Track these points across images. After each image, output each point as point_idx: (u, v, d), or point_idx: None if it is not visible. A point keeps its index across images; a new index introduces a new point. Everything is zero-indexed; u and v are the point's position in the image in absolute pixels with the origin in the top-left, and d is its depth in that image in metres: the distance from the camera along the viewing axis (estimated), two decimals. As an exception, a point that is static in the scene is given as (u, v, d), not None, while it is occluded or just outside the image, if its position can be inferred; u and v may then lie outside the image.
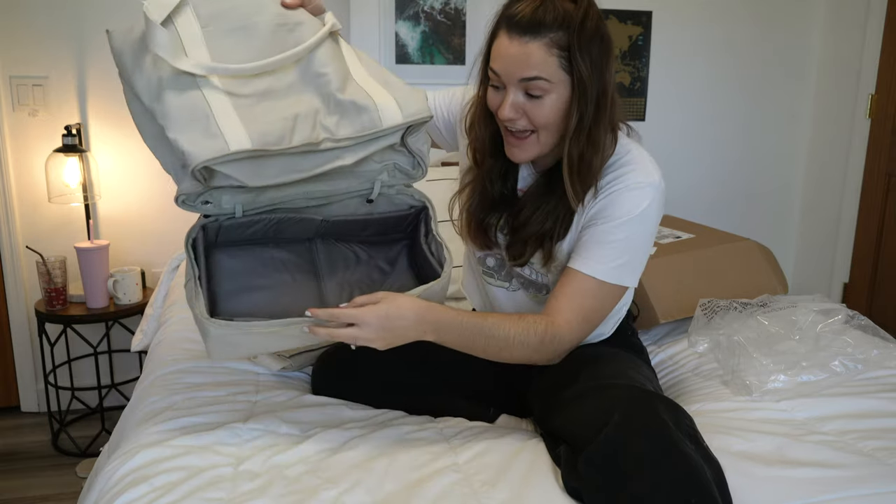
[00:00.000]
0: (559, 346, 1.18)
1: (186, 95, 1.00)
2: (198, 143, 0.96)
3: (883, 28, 2.64)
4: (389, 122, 1.08)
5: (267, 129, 1.00)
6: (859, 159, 2.76)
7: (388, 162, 1.18)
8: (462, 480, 1.03)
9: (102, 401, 2.33)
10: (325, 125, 1.06)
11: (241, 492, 0.99)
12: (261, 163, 1.01)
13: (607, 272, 1.17)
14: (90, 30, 2.30)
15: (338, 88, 1.08)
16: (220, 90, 1.02)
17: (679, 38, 2.78)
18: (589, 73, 1.12)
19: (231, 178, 1.01)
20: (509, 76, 1.13)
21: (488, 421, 1.33)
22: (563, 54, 1.11)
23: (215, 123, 0.98)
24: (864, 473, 1.07)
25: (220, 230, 1.14)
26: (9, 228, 2.34)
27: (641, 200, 1.17)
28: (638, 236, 1.18)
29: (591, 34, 1.11)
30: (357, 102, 1.07)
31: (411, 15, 2.51)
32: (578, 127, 1.14)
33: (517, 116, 1.15)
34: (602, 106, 1.15)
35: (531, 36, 1.10)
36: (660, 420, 0.96)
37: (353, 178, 1.17)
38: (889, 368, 1.41)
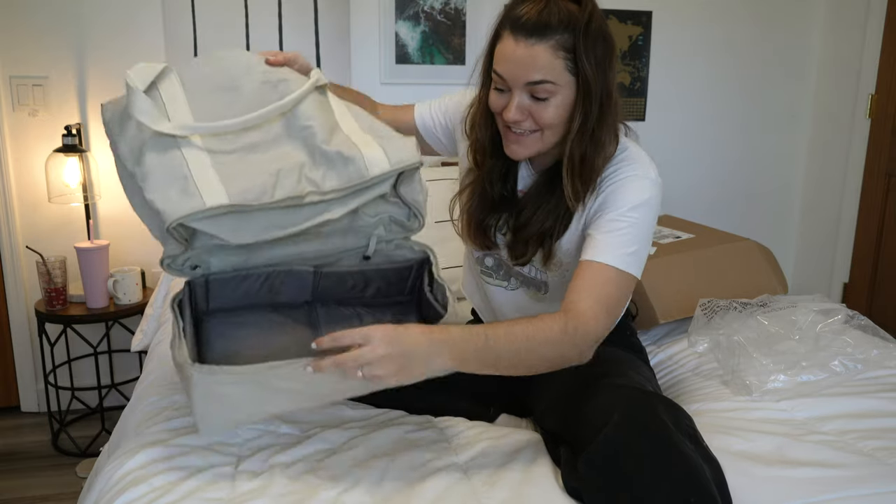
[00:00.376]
0: (584, 337, 1.09)
1: (166, 157, 0.99)
2: (173, 202, 0.95)
3: (883, 28, 2.64)
4: (376, 170, 1.03)
5: (247, 185, 0.98)
6: (859, 159, 2.76)
7: (383, 215, 1.15)
8: (462, 480, 1.03)
9: (102, 401, 2.33)
10: (311, 178, 1.02)
11: (241, 492, 0.99)
12: (243, 219, 0.99)
13: (622, 259, 1.15)
14: (90, 30, 2.30)
15: (324, 140, 1.05)
16: (201, 149, 1.00)
17: (679, 38, 2.78)
18: (594, 75, 1.12)
19: (213, 237, 0.99)
20: (515, 79, 1.13)
21: (488, 421, 1.33)
22: (569, 56, 1.11)
23: (193, 183, 0.96)
24: (864, 473, 1.07)
25: (210, 289, 1.09)
26: (9, 228, 2.34)
27: (643, 190, 1.18)
28: (644, 225, 1.18)
29: (595, 35, 1.11)
30: (343, 153, 1.04)
31: (411, 15, 2.51)
32: (582, 128, 1.15)
33: (523, 118, 1.15)
34: (606, 106, 1.15)
35: (537, 38, 1.10)
36: (659, 420, 0.96)
37: (348, 235, 1.14)
38: (889, 368, 1.41)
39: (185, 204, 0.95)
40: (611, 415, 0.99)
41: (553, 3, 1.10)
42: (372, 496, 0.99)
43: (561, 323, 1.08)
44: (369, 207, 1.13)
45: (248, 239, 1.00)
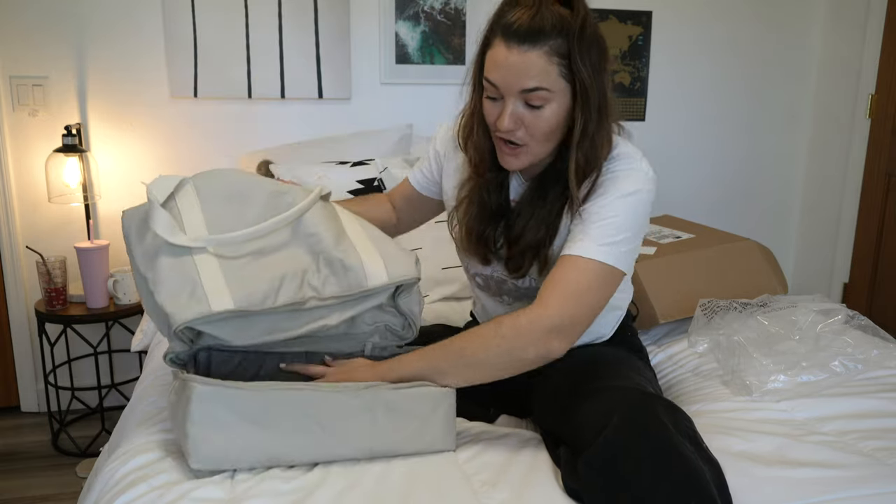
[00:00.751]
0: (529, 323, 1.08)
1: (178, 262, 1.05)
2: (181, 305, 1.01)
3: (883, 28, 2.64)
4: (375, 282, 1.10)
5: (252, 290, 1.04)
6: (859, 159, 2.76)
7: (379, 323, 1.19)
8: (462, 480, 1.03)
9: (102, 401, 2.33)
10: (312, 284, 1.09)
11: (241, 491, 0.99)
12: (245, 322, 1.05)
13: (598, 251, 1.12)
14: (90, 30, 2.30)
15: (329, 246, 1.12)
16: (212, 255, 1.07)
17: (679, 38, 2.78)
18: (591, 80, 1.10)
19: (217, 339, 1.05)
20: (508, 87, 1.11)
21: (488, 421, 1.33)
22: (563, 62, 1.08)
23: (201, 288, 1.02)
24: (865, 474, 1.07)
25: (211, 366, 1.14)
26: (9, 228, 2.35)
27: (633, 183, 1.16)
28: (629, 216, 1.15)
29: (590, 40, 1.09)
30: (345, 262, 1.10)
31: (411, 15, 2.51)
32: (583, 134, 1.13)
33: (516, 127, 1.13)
34: (604, 110, 1.14)
35: (530, 45, 1.07)
36: (659, 422, 0.96)
37: (344, 340, 1.19)
38: (889, 368, 1.41)
39: (193, 308, 1.01)
40: (610, 416, 0.99)
41: (545, 7, 1.08)
42: (372, 496, 0.99)
43: (513, 317, 1.10)
44: (367, 316, 1.17)
45: (250, 341, 1.07)
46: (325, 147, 2.39)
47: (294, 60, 2.44)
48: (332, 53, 2.46)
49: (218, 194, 1.13)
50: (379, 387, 1.07)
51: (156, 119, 2.39)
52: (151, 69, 2.36)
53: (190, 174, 1.17)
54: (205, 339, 1.07)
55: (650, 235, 2.00)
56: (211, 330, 1.04)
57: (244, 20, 2.37)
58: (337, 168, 2.19)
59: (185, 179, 1.13)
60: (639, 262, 1.76)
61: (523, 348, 1.09)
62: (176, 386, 1.04)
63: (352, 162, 2.24)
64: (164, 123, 2.40)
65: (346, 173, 2.17)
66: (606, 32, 2.74)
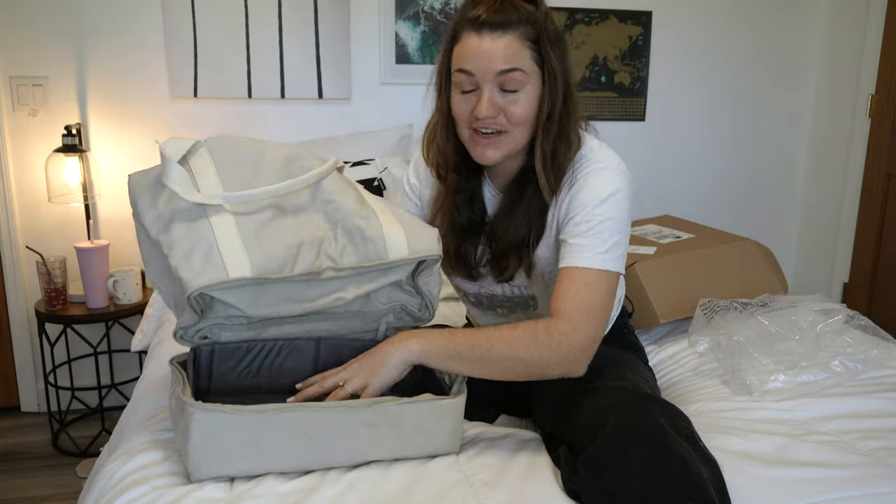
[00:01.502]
0: (562, 337, 1.08)
1: (193, 225, 1.01)
2: (196, 271, 0.97)
3: (883, 28, 2.64)
4: (395, 255, 1.07)
5: (270, 255, 1.01)
6: (859, 159, 2.76)
7: (395, 303, 1.15)
8: (462, 480, 1.03)
9: (102, 401, 2.33)
10: (330, 254, 1.05)
11: (241, 491, 0.99)
12: (260, 290, 1.02)
13: (597, 260, 1.13)
14: (90, 30, 2.30)
15: (348, 214, 1.08)
16: (229, 214, 1.03)
17: (679, 38, 2.78)
18: (559, 66, 1.13)
19: (230, 307, 1.02)
20: (485, 72, 1.12)
21: (488, 421, 1.33)
22: (535, 47, 1.12)
23: (217, 251, 0.99)
24: (865, 474, 1.07)
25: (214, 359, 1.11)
26: (9, 228, 2.35)
27: (609, 182, 1.15)
28: (615, 218, 1.15)
29: (553, 31, 1.14)
30: (364, 232, 1.07)
31: (411, 15, 2.51)
32: (549, 119, 1.15)
33: (495, 114, 1.13)
34: (569, 99, 1.16)
35: (502, 31, 1.11)
36: (656, 423, 0.97)
37: (357, 318, 1.15)
38: (889, 368, 1.41)
39: (209, 274, 0.97)
40: (608, 417, 0.99)
41: (507, 2, 1.12)
42: (372, 496, 0.99)
43: (533, 325, 1.09)
44: (382, 294, 1.14)
45: (263, 311, 1.04)
46: (325, 147, 2.39)
47: (294, 60, 2.44)
48: (332, 53, 2.46)
49: (232, 157, 1.09)
50: (383, 402, 1.02)
51: (156, 119, 2.39)
52: (151, 69, 2.36)
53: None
54: (215, 309, 1.03)
55: (650, 235, 2.00)
56: (226, 297, 1.00)
57: (244, 20, 2.37)
58: (337, 168, 2.19)
59: (199, 142, 1.09)
60: (639, 262, 1.76)
61: (552, 365, 1.09)
62: (176, 396, 1.01)
63: (352, 162, 2.25)
64: (164, 123, 2.40)
65: (346, 173, 2.16)
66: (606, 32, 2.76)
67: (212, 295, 1.00)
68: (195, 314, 1.02)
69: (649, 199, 2.86)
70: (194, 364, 1.11)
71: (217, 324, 1.07)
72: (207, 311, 1.04)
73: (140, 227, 1.07)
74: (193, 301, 1.00)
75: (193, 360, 1.11)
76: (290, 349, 1.16)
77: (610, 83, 2.75)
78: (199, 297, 1.00)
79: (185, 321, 1.03)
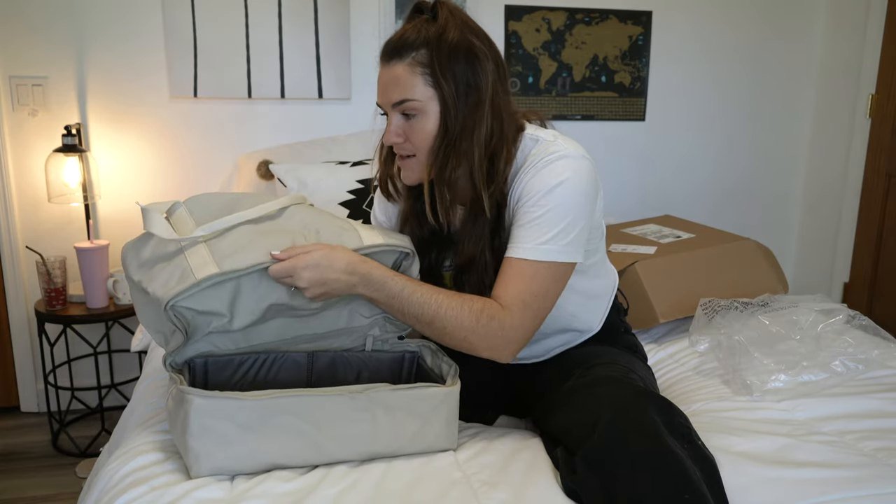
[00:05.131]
0: (500, 330, 1.10)
1: (171, 261, 1.07)
2: (169, 286, 1.02)
3: (883, 28, 2.64)
4: (369, 241, 1.12)
5: (242, 257, 1.05)
6: (859, 159, 2.76)
7: (377, 315, 1.20)
8: (462, 480, 1.03)
9: (102, 401, 2.33)
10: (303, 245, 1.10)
11: (241, 491, 0.99)
12: (237, 291, 1.05)
13: (536, 251, 1.12)
14: (90, 30, 2.30)
15: (321, 224, 1.14)
16: (202, 245, 1.08)
17: (679, 38, 2.78)
18: (453, 90, 1.10)
19: (212, 316, 1.05)
20: (385, 103, 1.15)
21: (487, 422, 1.33)
22: (427, 71, 1.11)
23: (190, 269, 1.04)
24: (865, 474, 1.07)
25: (208, 372, 1.14)
26: (9, 228, 2.34)
27: (557, 173, 1.12)
28: (564, 206, 1.12)
29: (451, 47, 1.10)
30: (340, 231, 1.13)
31: (411, 15, 2.51)
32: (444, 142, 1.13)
33: (401, 139, 1.15)
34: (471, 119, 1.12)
35: (397, 58, 1.12)
36: (651, 419, 0.97)
37: (344, 335, 1.20)
38: (890, 368, 1.41)
39: (180, 285, 1.02)
40: (600, 416, 1.00)
41: (417, 23, 1.12)
42: (371, 496, 0.99)
43: (478, 308, 1.10)
44: (363, 307, 1.18)
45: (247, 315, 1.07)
46: (325, 147, 2.39)
47: (294, 60, 2.44)
48: (332, 53, 2.46)
49: (208, 208, 1.15)
50: (378, 388, 1.05)
51: (156, 119, 2.39)
52: (151, 69, 2.36)
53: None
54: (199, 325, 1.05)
55: (650, 235, 2.00)
56: (203, 304, 1.03)
57: (244, 20, 2.37)
58: (337, 168, 2.19)
59: (177, 202, 1.16)
60: (639, 261, 1.76)
61: (480, 350, 1.12)
62: (173, 393, 1.02)
63: (352, 162, 2.24)
64: (164, 123, 2.40)
65: (346, 173, 2.16)
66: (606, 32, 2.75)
67: (189, 307, 1.03)
68: (180, 334, 1.05)
69: (649, 199, 2.86)
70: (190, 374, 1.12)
71: (205, 352, 1.11)
72: (192, 333, 1.07)
73: (130, 281, 1.12)
74: (174, 318, 1.03)
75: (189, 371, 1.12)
76: (284, 360, 1.19)
77: (610, 83, 2.74)
78: (178, 316, 1.03)
79: (172, 344, 1.07)
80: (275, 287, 1.08)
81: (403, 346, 1.25)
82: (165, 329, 1.08)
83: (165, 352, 1.09)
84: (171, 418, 1.05)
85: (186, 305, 1.02)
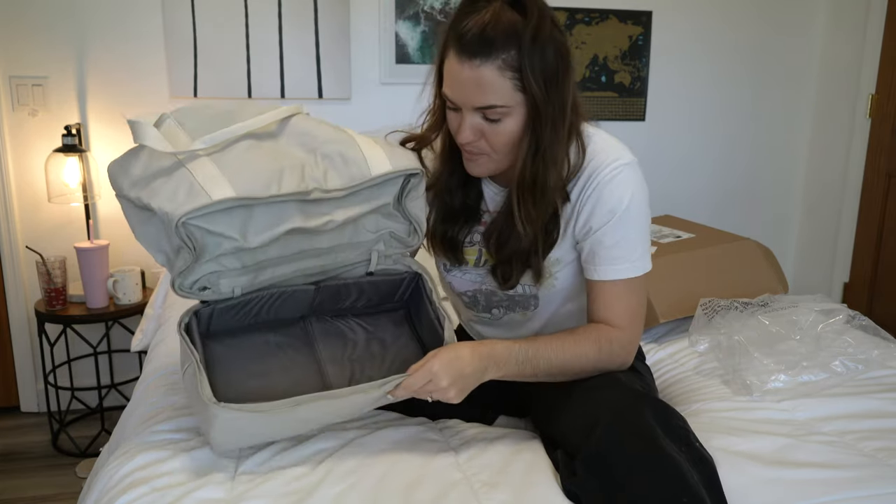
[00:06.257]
0: (621, 349, 1.16)
1: (172, 175, 1.01)
2: (179, 202, 0.97)
3: (883, 28, 2.64)
4: (378, 170, 1.08)
5: (252, 177, 1.01)
6: (859, 159, 2.76)
7: (384, 230, 1.17)
8: (462, 481, 1.03)
9: (102, 401, 2.33)
10: (314, 177, 1.05)
11: (241, 491, 0.99)
12: (249, 214, 1.01)
13: (632, 268, 1.16)
14: (90, 30, 2.29)
15: (323, 142, 1.09)
16: (205, 157, 1.03)
17: (679, 38, 2.78)
18: (542, 94, 1.05)
19: (223, 238, 1.00)
20: (464, 103, 1.07)
21: (487, 423, 1.33)
22: (517, 75, 1.04)
23: (198, 185, 0.98)
24: (865, 474, 1.07)
25: (214, 316, 1.12)
26: (9, 228, 2.34)
27: (625, 188, 1.13)
28: (640, 218, 1.15)
29: (542, 50, 1.03)
30: (344, 154, 1.08)
31: (411, 15, 2.51)
32: (532, 150, 1.09)
33: (476, 139, 1.11)
34: (559, 124, 1.09)
35: (482, 58, 1.03)
36: (647, 423, 0.97)
37: (349, 250, 1.16)
38: (890, 368, 1.41)
39: (193, 201, 0.96)
40: (599, 415, 1.00)
41: (500, 13, 1.03)
42: (371, 497, 0.99)
43: (595, 347, 1.15)
44: (369, 222, 1.15)
45: (257, 237, 1.02)
46: (325, 147, 2.39)
47: (294, 60, 2.43)
48: (332, 53, 2.46)
49: (201, 118, 1.09)
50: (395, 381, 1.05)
51: (156, 119, 2.39)
52: (151, 69, 2.36)
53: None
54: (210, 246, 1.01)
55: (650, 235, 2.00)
56: (215, 226, 0.99)
57: (244, 20, 2.37)
58: (337, 168, 2.18)
59: (166, 114, 1.09)
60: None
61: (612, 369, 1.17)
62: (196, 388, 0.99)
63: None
64: (164, 123, 2.40)
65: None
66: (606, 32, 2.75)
67: (200, 225, 0.98)
68: (189, 252, 1.00)
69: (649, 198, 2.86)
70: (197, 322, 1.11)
71: (213, 272, 1.05)
72: (201, 253, 1.02)
73: (123, 200, 1.07)
74: (183, 235, 0.98)
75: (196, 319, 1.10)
76: (291, 293, 1.15)
77: (610, 83, 2.74)
78: (189, 235, 0.98)
79: (180, 264, 1.02)
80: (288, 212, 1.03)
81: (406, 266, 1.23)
82: (168, 248, 1.03)
83: (172, 274, 1.05)
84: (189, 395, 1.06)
85: (197, 224, 0.98)
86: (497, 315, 1.32)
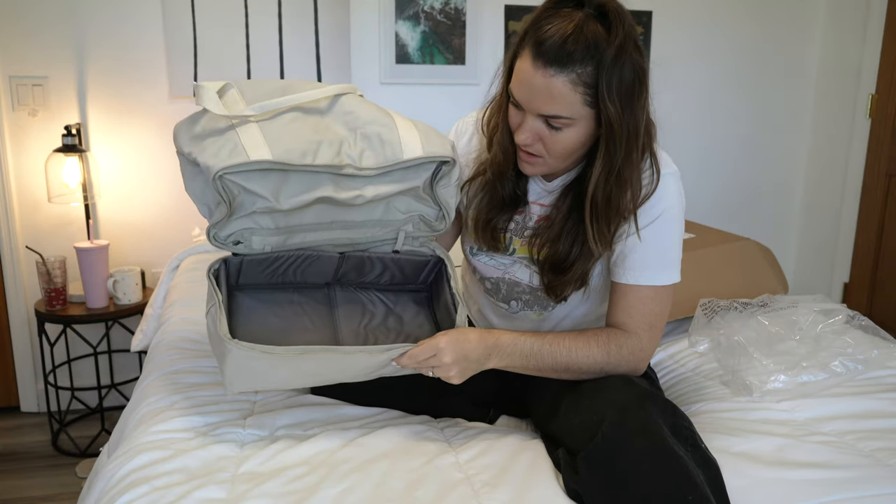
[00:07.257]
0: (631, 355, 1.15)
1: (222, 135, 1.10)
2: (220, 158, 1.05)
3: (883, 28, 2.64)
4: (410, 154, 1.13)
5: (290, 147, 1.08)
6: (859, 159, 2.76)
7: (413, 213, 1.21)
8: (463, 481, 1.03)
9: (102, 401, 2.33)
10: (350, 154, 1.11)
11: (241, 491, 0.99)
12: (283, 178, 1.08)
13: (662, 276, 1.15)
14: (90, 30, 2.30)
15: (365, 123, 1.15)
16: (254, 123, 1.11)
17: (679, 39, 2.78)
18: (618, 114, 1.04)
19: (257, 197, 1.08)
20: (529, 106, 1.07)
21: (488, 422, 1.33)
22: (590, 91, 1.03)
23: (241, 146, 1.07)
24: (865, 474, 1.07)
25: (243, 268, 1.19)
26: (9, 228, 2.34)
27: (667, 195, 1.13)
28: (675, 227, 1.15)
29: (621, 70, 1.02)
30: (382, 136, 1.14)
31: (411, 15, 2.51)
32: (606, 169, 1.08)
33: (533, 142, 1.10)
34: (633, 144, 1.08)
35: (557, 68, 1.01)
36: (654, 422, 0.97)
37: (378, 227, 1.21)
38: (889, 369, 1.41)
39: (233, 159, 1.05)
40: (604, 418, 1.00)
41: (584, 25, 1.00)
42: (372, 497, 0.99)
43: (604, 350, 1.14)
44: (401, 203, 1.20)
45: (288, 200, 1.09)
46: (325, 147, 2.39)
47: (294, 60, 2.43)
48: (332, 53, 2.46)
49: (260, 91, 1.17)
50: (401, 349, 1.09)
51: (156, 119, 2.39)
52: (151, 69, 2.36)
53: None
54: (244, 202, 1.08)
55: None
56: (250, 184, 1.06)
57: (244, 20, 2.37)
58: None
59: (230, 83, 1.17)
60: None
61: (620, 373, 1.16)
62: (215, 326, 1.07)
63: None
64: (163, 123, 2.40)
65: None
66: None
67: (237, 182, 1.06)
68: (225, 205, 1.07)
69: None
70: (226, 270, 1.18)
71: (247, 228, 1.13)
72: (236, 208, 1.09)
73: (181, 157, 1.15)
74: (221, 188, 1.05)
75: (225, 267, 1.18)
76: (317, 257, 1.22)
77: (610, 83, 2.74)
78: (225, 188, 1.06)
79: (217, 216, 1.09)
80: (321, 182, 1.10)
81: (431, 250, 1.27)
82: (210, 201, 1.11)
83: (209, 224, 1.12)
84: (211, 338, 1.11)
85: (234, 180, 1.05)
86: (514, 308, 1.32)
